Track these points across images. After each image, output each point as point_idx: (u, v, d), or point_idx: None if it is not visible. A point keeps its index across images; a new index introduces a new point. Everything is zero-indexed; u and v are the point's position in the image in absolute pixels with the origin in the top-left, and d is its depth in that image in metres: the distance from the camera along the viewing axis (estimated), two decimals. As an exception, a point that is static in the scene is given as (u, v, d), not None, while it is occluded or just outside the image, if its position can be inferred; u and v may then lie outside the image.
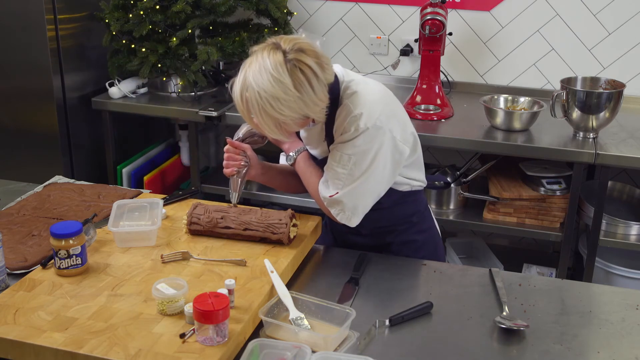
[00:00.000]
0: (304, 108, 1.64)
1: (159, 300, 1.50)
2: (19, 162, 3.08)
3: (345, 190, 1.77)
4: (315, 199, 1.87)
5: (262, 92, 1.59)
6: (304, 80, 1.62)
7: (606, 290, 1.84)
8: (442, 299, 1.69)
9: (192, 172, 3.13)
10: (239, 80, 1.66)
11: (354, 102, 1.73)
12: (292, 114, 1.63)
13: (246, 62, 1.66)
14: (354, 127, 1.72)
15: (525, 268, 3.05)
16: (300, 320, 1.53)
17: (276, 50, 1.62)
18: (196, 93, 3.12)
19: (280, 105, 1.60)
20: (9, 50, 2.94)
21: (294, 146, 1.90)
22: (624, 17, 3.02)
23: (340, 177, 1.77)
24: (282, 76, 1.59)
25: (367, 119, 1.72)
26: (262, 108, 1.61)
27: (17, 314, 1.50)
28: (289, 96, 1.60)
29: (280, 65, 1.60)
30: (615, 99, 2.60)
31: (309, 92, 1.63)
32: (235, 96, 1.67)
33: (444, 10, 2.86)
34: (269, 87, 1.59)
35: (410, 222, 1.97)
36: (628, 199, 3.05)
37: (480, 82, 3.28)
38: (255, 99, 1.61)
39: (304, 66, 1.62)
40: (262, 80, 1.59)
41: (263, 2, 3.06)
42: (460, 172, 3.03)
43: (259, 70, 1.61)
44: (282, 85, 1.59)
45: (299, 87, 1.61)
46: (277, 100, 1.60)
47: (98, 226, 1.89)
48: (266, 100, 1.60)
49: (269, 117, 1.63)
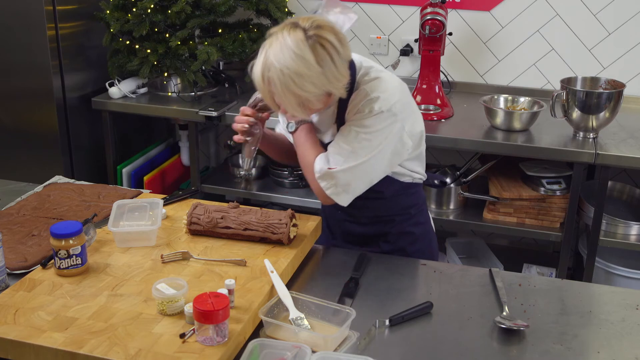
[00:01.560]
0: (327, 84, 1.65)
1: (159, 300, 1.50)
2: (19, 162, 3.08)
3: (344, 167, 1.78)
4: (305, 171, 1.87)
5: (284, 69, 1.59)
6: (325, 55, 1.62)
7: (606, 290, 1.84)
8: (442, 299, 1.69)
9: (192, 172, 3.13)
10: (259, 62, 1.65)
11: (372, 87, 1.76)
12: (315, 90, 1.64)
13: (265, 44, 1.66)
14: (369, 109, 1.75)
15: (525, 268, 3.05)
16: (300, 320, 1.53)
17: (295, 29, 1.62)
18: (196, 93, 3.12)
19: (303, 82, 1.61)
20: (9, 50, 2.94)
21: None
22: (624, 17, 3.02)
23: (342, 153, 1.78)
24: (304, 52, 1.60)
25: (383, 103, 1.75)
26: (286, 86, 1.61)
27: (17, 314, 1.50)
28: (312, 72, 1.61)
29: (301, 41, 1.60)
30: (615, 99, 2.60)
31: (331, 67, 1.64)
32: (257, 78, 1.67)
33: (444, 10, 2.86)
34: (291, 64, 1.59)
35: (408, 214, 1.99)
36: (628, 199, 3.05)
37: (480, 82, 3.28)
38: (278, 77, 1.61)
39: (324, 41, 1.63)
40: (284, 58, 1.60)
41: (263, 2, 3.06)
42: (460, 172, 3.03)
43: (280, 48, 1.61)
44: (304, 61, 1.60)
45: (321, 62, 1.62)
46: (300, 77, 1.60)
47: (98, 226, 1.89)
48: (289, 78, 1.60)
49: (292, 95, 1.63)
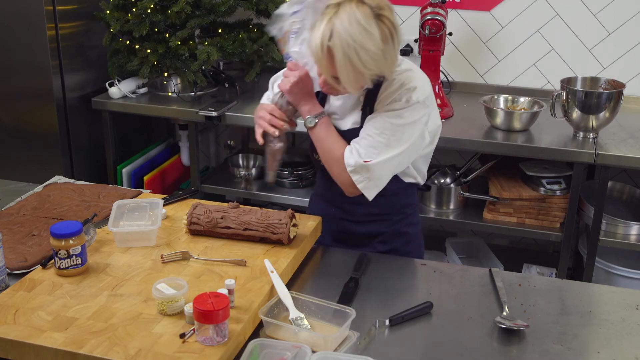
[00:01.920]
0: (383, 64, 1.67)
1: (159, 300, 1.50)
2: (19, 162, 3.08)
3: (379, 159, 1.78)
4: (329, 164, 1.85)
5: (350, 40, 1.61)
6: (388, 35, 1.65)
7: (606, 290, 1.84)
8: (442, 299, 1.69)
9: (192, 172, 3.13)
10: (320, 31, 1.64)
11: (408, 77, 1.79)
12: (373, 68, 1.65)
13: (326, 13, 1.65)
14: (406, 98, 1.77)
15: (525, 268, 3.05)
16: (300, 320, 1.53)
17: (363, 5, 1.63)
18: (196, 93, 3.12)
19: (367, 57, 1.62)
20: (9, 50, 2.94)
21: (315, 109, 1.85)
22: (624, 17, 3.02)
23: (377, 145, 1.78)
24: (372, 28, 1.62)
25: (420, 94, 1.78)
26: (349, 57, 1.62)
27: (17, 314, 1.50)
28: (376, 49, 1.63)
29: (370, 17, 1.62)
30: (615, 99, 2.60)
31: (391, 49, 1.67)
32: (315, 46, 1.66)
33: (444, 10, 2.86)
34: (358, 37, 1.61)
35: (404, 214, 2.00)
36: (628, 199, 3.05)
37: (480, 82, 3.28)
38: (342, 48, 1.61)
39: (388, 22, 1.65)
40: (352, 30, 1.61)
41: (263, 2, 3.06)
42: (460, 172, 3.03)
43: (348, 20, 1.61)
44: (371, 37, 1.62)
45: (385, 41, 1.64)
46: (365, 51, 1.62)
47: (98, 226, 1.89)
48: (354, 50, 1.61)
49: (352, 68, 1.64)
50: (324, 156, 1.87)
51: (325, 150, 1.86)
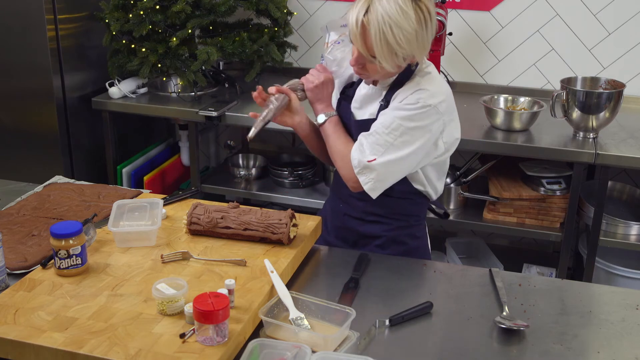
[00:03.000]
0: (415, 47, 1.73)
1: (159, 300, 1.50)
2: (19, 162, 3.08)
3: (384, 158, 1.80)
4: (339, 164, 1.90)
5: (386, 16, 1.67)
6: (423, 19, 1.72)
7: (606, 290, 1.84)
8: (442, 299, 1.69)
9: (192, 172, 3.13)
10: (358, 6, 1.72)
11: (426, 80, 1.83)
12: (406, 47, 1.71)
13: None
14: (416, 98, 1.78)
15: (525, 268, 3.05)
16: (300, 320, 1.53)
17: None
18: (196, 93, 3.12)
19: (400, 34, 1.69)
20: (9, 50, 2.94)
21: (328, 109, 1.94)
22: (624, 17, 3.02)
23: (383, 143, 1.79)
24: (409, 8, 1.69)
25: (431, 97, 1.79)
26: (383, 32, 1.68)
27: (17, 314, 1.50)
28: (411, 28, 1.69)
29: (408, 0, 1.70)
30: (615, 99, 2.60)
31: (425, 32, 1.74)
32: (351, 21, 1.73)
33: (444, 10, 2.86)
34: (394, 14, 1.67)
35: (406, 221, 1.99)
36: (628, 199, 3.05)
37: (480, 82, 3.28)
38: (378, 22, 1.68)
39: (424, 7, 1.72)
40: (389, 7, 1.68)
41: (263, 2, 3.06)
42: (460, 172, 3.03)
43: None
44: (407, 16, 1.68)
45: (420, 23, 1.71)
46: (399, 29, 1.68)
47: (98, 226, 1.89)
48: (389, 26, 1.67)
49: (385, 43, 1.70)
50: (330, 151, 1.93)
51: (330, 145, 1.93)
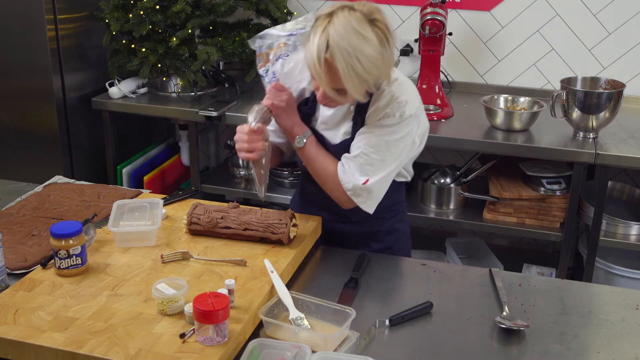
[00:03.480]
0: (382, 67, 1.66)
1: (159, 300, 1.50)
2: (19, 162, 3.08)
3: (377, 177, 1.78)
4: (325, 183, 1.85)
5: (351, 49, 1.59)
6: (384, 37, 1.64)
7: (606, 290, 1.84)
8: (442, 299, 1.69)
9: (192, 172, 3.13)
10: (316, 44, 1.61)
11: (398, 90, 1.77)
12: (375, 73, 1.65)
13: (318, 25, 1.63)
14: (400, 113, 1.75)
15: (525, 268, 3.05)
16: (300, 320, 1.53)
17: (354, 11, 1.62)
18: (196, 93, 3.12)
19: (368, 63, 1.61)
20: (9, 50, 2.94)
21: (302, 129, 1.84)
22: (624, 17, 3.02)
23: (373, 163, 1.77)
24: (368, 32, 1.61)
25: (411, 107, 1.76)
26: (352, 66, 1.60)
27: (17, 314, 1.50)
28: (376, 52, 1.62)
29: (364, 23, 1.61)
30: (615, 99, 2.60)
31: (388, 50, 1.66)
32: (312, 60, 1.62)
33: (444, 10, 2.86)
34: (357, 44, 1.59)
35: (395, 211, 2.01)
36: (628, 199, 3.05)
37: (480, 82, 3.28)
38: (343, 57, 1.59)
39: (381, 24, 1.64)
40: (350, 38, 1.59)
41: (263, 2, 3.06)
42: (460, 172, 3.03)
43: (344, 29, 1.59)
44: (369, 41, 1.61)
45: (382, 43, 1.64)
46: (365, 57, 1.60)
47: (98, 226, 1.89)
48: (355, 58, 1.59)
49: (356, 76, 1.62)
50: (317, 173, 1.86)
51: (317, 168, 1.85)
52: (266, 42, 1.88)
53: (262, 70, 1.88)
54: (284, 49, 1.84)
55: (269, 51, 1.87)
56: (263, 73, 1.88)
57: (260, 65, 1.88)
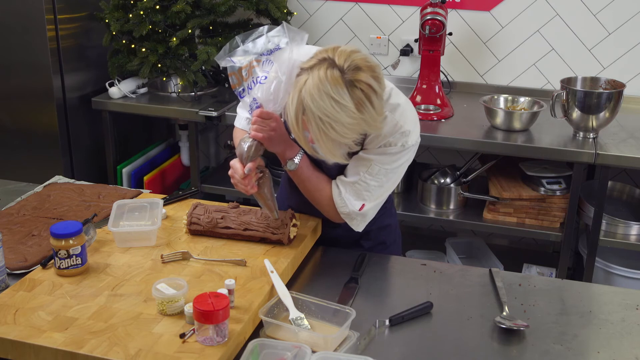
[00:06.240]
0: (365, 127, 1.57)
1: (159, 300, 1.50)
2: (19, 162, 3.08)
3: (373, 202, 1.79)
4: (325, 208, 1.83)
5: (324, 117, 1.51)
6: (364, 99, 1.53)
7: (606, 290, 1.84)
8: (442, 299, 1.69)
9: (192, 172, 3.13)
10: (294, 105, 1.55)
11: (402, 118, 1.71)
12: (354, 136, 1.56)
13: (299, 80, 1.56)
14: (402, 143, 1.72)
15: (525, 268, 3.05)
16: (300, 320, 1.53)
17: (332, 69, 1.52)
18: (196, 93, 3.12)
19: (344, 129, 1.52)
20: (9, 50, 2.94)
21: (295, 151, 1.78)
22: (624, 17, 3.02)
23: (370, 189, 1.77)
24: (344, 99, 1.51)
25: (414, 137, 1.74)
26: (325, 133, 1.53)
27: (17, 314, 1.50)
28: (353, 119, 1.52)
29: (340, 86, 1.51)
30: (615, 99, 2.60)
31: (370, 111, 1.55)
32: (290, 117, 1.57)
33: (444, 10, 2.86)
34: (331, 112, 1.50)
35: (384, 208, 1.98)
36: (628, 199, 3.05)
37: (480, 82, 3.28)
38: (317, 124, 1.52)
39: (362, 85, 1.53)
40: (324, 104, 1.50)
41: (263, 2, 3.06)
42: (460, 172, 3.03)
43: (318, 94, 1.51)
44: (345, 109, 1.51)
45: (361, 108, 1.53)
46: (340, 125, 1.51)
47: (98, 226, 1.89)
48: (329, 125, 1.51)
49: (330, 141, 1.55)
50: (311, 195, 1.83)
51: (311, 190, 1.82)
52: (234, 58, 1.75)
53: (237, 90, 1.76)
54: (259, 70, 1.69)
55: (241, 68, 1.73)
56: (239, 93, 1.76)
57: (235, 85, 1.75)
